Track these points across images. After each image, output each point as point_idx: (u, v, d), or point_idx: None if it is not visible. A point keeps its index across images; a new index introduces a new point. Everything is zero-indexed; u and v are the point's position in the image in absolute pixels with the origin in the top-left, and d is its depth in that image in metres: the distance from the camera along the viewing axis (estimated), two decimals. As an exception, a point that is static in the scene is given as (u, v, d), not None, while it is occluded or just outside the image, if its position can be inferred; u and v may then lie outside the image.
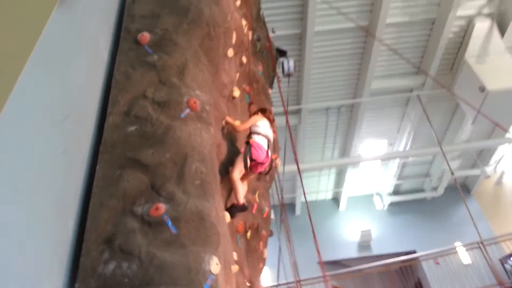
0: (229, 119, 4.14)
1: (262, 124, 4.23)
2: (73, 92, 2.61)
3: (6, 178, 1.78)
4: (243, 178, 4.01)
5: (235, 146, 4.26)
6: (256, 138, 4.09)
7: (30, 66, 1.95)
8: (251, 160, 3.96)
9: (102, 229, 2.48)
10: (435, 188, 14.68)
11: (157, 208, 2.58)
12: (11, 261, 1.77)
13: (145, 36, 3.43)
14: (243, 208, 3.90)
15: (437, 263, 10.34)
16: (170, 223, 2.55)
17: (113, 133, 2.92)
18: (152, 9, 3.67)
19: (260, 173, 4.27)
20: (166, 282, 2.34)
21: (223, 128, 4.10)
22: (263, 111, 4.50)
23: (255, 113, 4.51)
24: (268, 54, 6.02)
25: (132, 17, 3.61)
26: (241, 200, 3.85)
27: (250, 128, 4.21)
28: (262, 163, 4.08)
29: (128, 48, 3.41)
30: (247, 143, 4.05)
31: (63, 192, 2.39)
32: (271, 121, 4.48)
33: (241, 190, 3.89)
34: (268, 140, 4.20)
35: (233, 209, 3.84)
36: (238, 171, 3.86)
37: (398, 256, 10.93)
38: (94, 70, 3.09)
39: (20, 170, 1.90)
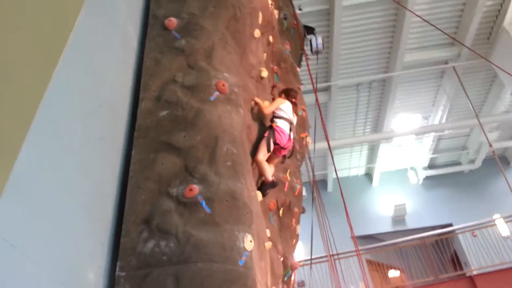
0: (258, 100, 4.18)
1: (285, 108, 4.22)
2: (106, 81, 2.72)
3: (49, 166, 1.90)
4: (268, 162, 4.07)
5: (264, 127, 4.31)
6: (278, 122, 4.10)
7: (64, 58, 2.05)
8: (275, 144, 4.00)
9: (140, 210, 2.61)
10: (472, 161, 14.28)
11: (191, 189, 2.68)
12: (55, 244, 1.89)
13: (172, 21, 3.49)
14: (273, 185, 3.97)
15: (475, 236, 10.18)
16: (204, 203, 2.65)
17: (146, 118, 3.03)
18: (177, -7, 3.71)
19: (283, 157, 4.31)
20: (203, 259, 2.45)
21: (252, 109, 4.15)
22: (287, 93, 4.49)
23: (279, 95, 4.50)
24: (295, 33, 5.97)
25: (158, 3, 3.67)
26: (269, 178, 3.91)
27: (273, 111, 4.23)
28: (284, 148, 4.12)
29: (156, 34, 3.49)
30: (270, 127, 4.09)
31: (102, 176, 2.52)
32: (295, 103, 4.46)
33: (268, 169, 3.95)
34: (291, 124, 4.21)
35: (264, 187, 3.92)
36: (262, 154, 3.92)
37: (433, 230, 10.81)
38: (125, 57, 3.18)
39: (61, 158, 2.02)
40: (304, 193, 5.92)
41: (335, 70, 10.27)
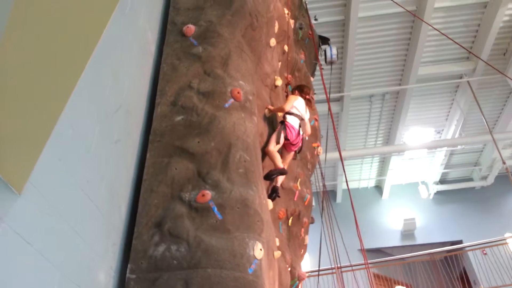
0: (271, 107, 4.22)
1: (297, 104, 4.26)
2: (124, 85, 2.76)
3: (68, 166, 1.93)
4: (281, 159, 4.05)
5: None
6: (289, 119, 4.13)
7: (91, 61, 2.08)
8: (286, 139, 4.02)
9: (153, 214, 2.64)
10: (484, 177, 14.13)
11: (203, 195, 2.70)
12: (69, 243, 1.92)
13: (190, 28, 3.53)
14: (282, 172, 3.87)
15: (485, 254, 10.03)
16: (215, 209, 2.66)
17: (162, 122, 3.06)
18: (195, 1, 3.76)
19: (295, 153, 4.34)
20: (213, 265, 2.46)
21: (266, 117, 4.17)
22: (300, 89, 4.51)
23: (292, 92, 4.53)
24: (310, 42, 6.00)
25: (177, 10, 3.73)
26: (280, 165, 3.85)
27: None
28: (294, 144, 4.15)
29: (174, 40, 3.53)
30: (282, 122, 4.12)
31: (117, 178, 2.55)
32: (310, 100, 4.49)
33: (279, 157, 3.92)
34: (301, 120, 4.24)
35: (272, 173, 3.78)
36: (272, 145, 3.91)
37: (443, 246, 10.69)
38: (143, 62, 3.23)
39: (80, 159, 2.06)
40: (312, 203, 5.90)
41: (348, 81, 10.27)
